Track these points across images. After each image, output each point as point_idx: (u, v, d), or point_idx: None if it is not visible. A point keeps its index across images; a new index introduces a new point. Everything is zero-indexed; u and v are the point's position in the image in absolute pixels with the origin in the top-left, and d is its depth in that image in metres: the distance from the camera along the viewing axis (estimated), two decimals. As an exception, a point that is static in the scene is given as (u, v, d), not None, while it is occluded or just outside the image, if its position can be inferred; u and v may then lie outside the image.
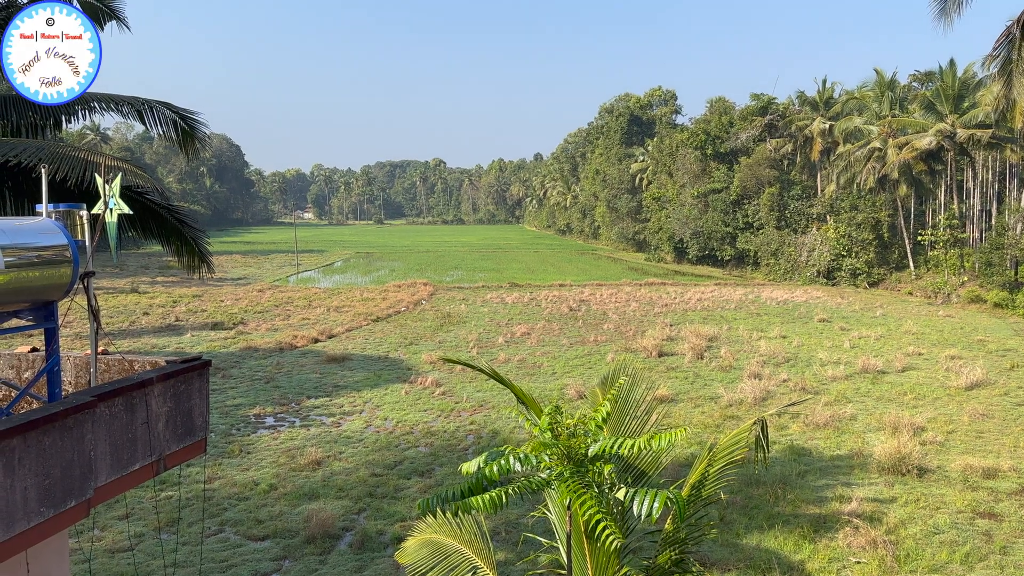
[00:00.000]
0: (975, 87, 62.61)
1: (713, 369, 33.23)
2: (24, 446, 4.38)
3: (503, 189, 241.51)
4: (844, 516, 17.53)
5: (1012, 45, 24.58)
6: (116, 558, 15.69)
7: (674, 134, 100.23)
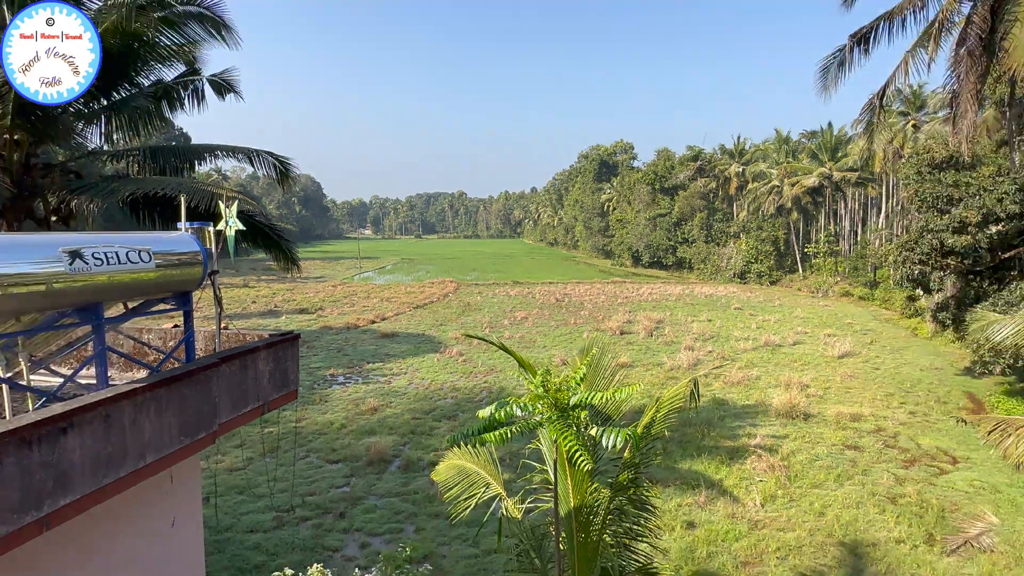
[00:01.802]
0: (846, 142, 62.86)
1: (659, 343, 33.32)
2: (169, 394, 4.42)
3: (508, 213, 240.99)
4: (751, 448, 17.62)
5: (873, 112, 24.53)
6: (233, 475, 15.87)
7: (632, 174, 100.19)
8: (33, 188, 9.96)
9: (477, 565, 11.99)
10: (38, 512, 3.37)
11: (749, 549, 12.54)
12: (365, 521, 13.62)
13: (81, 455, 3.61)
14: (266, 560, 11.81)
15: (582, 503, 7.21)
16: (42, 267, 3.90)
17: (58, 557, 4.29)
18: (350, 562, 11.81)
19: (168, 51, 11.04)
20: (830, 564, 12.16)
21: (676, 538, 12.83)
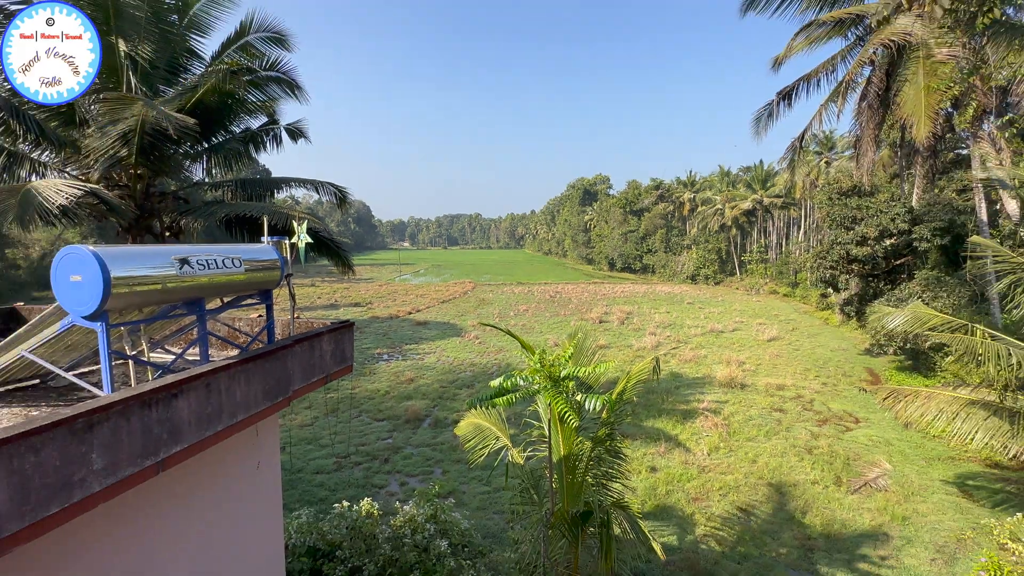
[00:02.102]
0: (774, 175, 62.44)
1: (629, 330, 33.15)
2: (255, 368, 4.42)
3: (513, 229, 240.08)
4: (700, 410, 17.50)
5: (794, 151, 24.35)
6: (303, 429, 15.86)
7: (608, 199, 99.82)
8: (151, 211, 9.99)
9: (489, 499, 12.00)
10: (156, 458, 3.39)
11: (698, 488, 12.49)
12: (404, 465, 13.64)
13: (188, 414, 3.62)
14: (328, 495, 11.84)
15: (570, 452, 7.20)
16: (159, 271, 3.91)
17: (172, 492, 4.31)
18: (392, 496, 11.83)
19: (254, 106, 11.04)
20: (761, 500, 12.09)
21: (642, 479, 12.79)
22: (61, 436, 2.78)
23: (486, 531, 10.51)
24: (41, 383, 4.94)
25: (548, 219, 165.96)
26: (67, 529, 3.09)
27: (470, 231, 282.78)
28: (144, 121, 8.01)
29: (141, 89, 9.29)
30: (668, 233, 79.10)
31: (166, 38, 9.69)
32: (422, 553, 8.37)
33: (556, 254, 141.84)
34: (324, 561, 8.44)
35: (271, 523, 5.72)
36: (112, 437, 3.07)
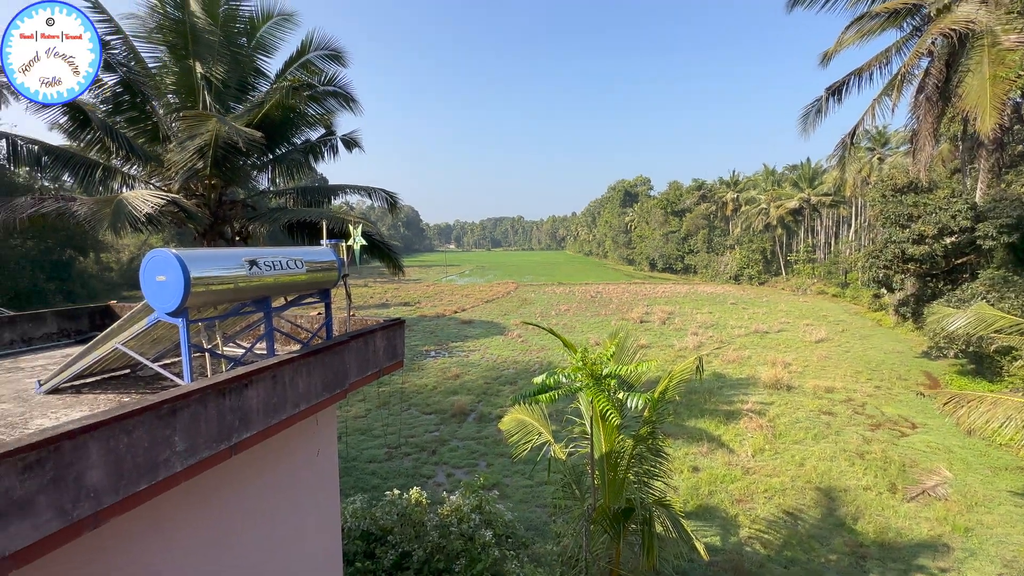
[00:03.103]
0: (822, 173, 59.21)
1: (670, 330, 32.31)
2: (316, 361, 4.59)
3: (554, 231, 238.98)
4: (744, 411, 16.84)
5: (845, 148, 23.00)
6: (357, 421, 16.37)
7: (649, 201, 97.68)
8: (224, 217, 10.58)
9: (531, 492, 11.99)
10: (228, 442, 3.58)
11: (742, 490, 12.01)
12: (450, 457, 13.84)
13: (257, 403, 3.81)
14: (380, 483, 12.18)
15: (611, 449, 7.09)
16: (231, 272, 4.14)
17: (242, 474, 4.54)
18: (439, 486, 12.03)
19: (313, 119, 11.51)
20: (808, 504, 11.49)
21: (684, 479, 12.43)
22: (149, 420, 2.99)
23: (529, 523, 10.51)
24: (131, 373, 5.33)
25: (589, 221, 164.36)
26: (153, 504, 3.32)
27: (512, 233, 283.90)
28: (217, 136, 8.52)
29: (215, 107, 9.88)
30: (710, 233, 76.53)
31: (236, 59, 10.26)
32: (468, 542, 8.47)
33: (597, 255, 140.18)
34: (377, 545, 8.69)
35: (330, 507, 5.94)
36: (192, 422, 3.28)
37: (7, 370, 5.41)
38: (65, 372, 4.62)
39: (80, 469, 2.65)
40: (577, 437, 8.11)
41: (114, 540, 3.43)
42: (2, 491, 2.32)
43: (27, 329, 6.40)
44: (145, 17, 9.63)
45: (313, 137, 12.13)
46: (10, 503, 2.35)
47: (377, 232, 12.53)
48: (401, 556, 8.46)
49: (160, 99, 10.15)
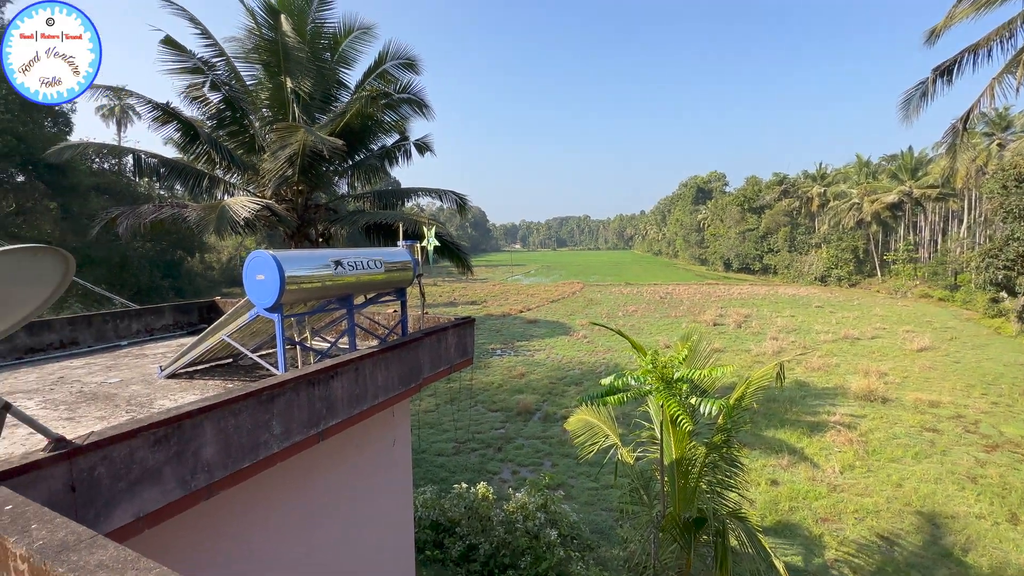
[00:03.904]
0: (927, 162, 53.20)
1: (747, 333, 30.52)
2: (394, 356, 4.85)
3: (622, 230, 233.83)
4: (830, 423, 15.58)
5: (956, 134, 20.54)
6: (427, 415, 16.99)
7: (724, 197, 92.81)
8: (309, 220, 11.39)
9: (597, 495, 11.86)
10: (317, 428, 3.89)
11: (828, 508, 11.13)
12: (515, 455, 14.00)
13: (341, 393, 4.10)
14: (448, 475, 12.57)
15: (682, 456, 6.86)
16: (319, 271, 4.49)
17: (327, 460, 4.89)
18: (505, 483, 12.22)
19: (389, 125, 12.09)
20: (908, 529, 10.42)
21: (761, 492, 11.74)
22: (252, 405, 3.33)
23: (594, 526, 10.40)
24: (233, 362, 5.92)
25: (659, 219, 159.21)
26: (255, 480, 3.69)
27: (578, 233, 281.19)
28: (305, 145, 9.21)
29: (302, 118, 10.68)
30: (793, 231, 71.26)
31: (321, 73, 11.02)
32: (533, 540, 8.55)
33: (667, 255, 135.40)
34: (445, 535, 9.01)
35: (403, 494, 6.25)
36: (287, 408, 3.61)
37: (135, 356, 6.20)
38: (181, 360, 5.23)
39: (197, 445, 3.00)
40: (645, 442, 7.92)
41: (220, 514, 3.85)
42: (138, 460, 2.69)
43: (150, 321, 7.30)
44: (244, 39, 10.61)
45: (388, 143, 12.74)
46: (144, 471, 2.72)
47: (447, 233, 12.91)
48: (468, 548, 8.71)
49: (256, 113, 11.14)
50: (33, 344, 6.07)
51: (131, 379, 5.19)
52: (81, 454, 2.43)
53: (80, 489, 2.43)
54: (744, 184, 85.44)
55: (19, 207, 23.94)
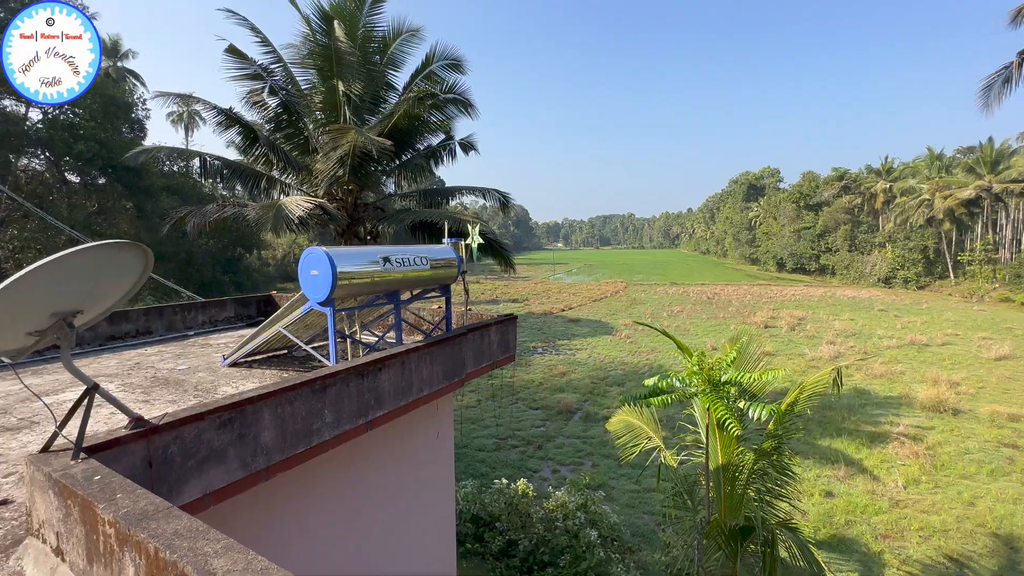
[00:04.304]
0: (1009, 155, 48.69)
1: (801, 337, 29.04)
2: (438, 350, 4.96)
3: (667, 228, 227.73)
4: (893, 435, 14.62)
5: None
6: (468, 410, 17.23)
7: (777, 194, 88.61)
8: (358, 219, 11.80)
9: (639, 498, 11.67)
10: (365, 418, 4.05)
11: (890, 524, 10.47)
12: (555, 453, 13.98)
13: (388, 385, 4.25)
14: (488, 471, 12.71)
15: (728, 462, 6.64)
16: (369, 267, 4.66)
17: (375, 450, 5.08)
18: (545, 481, 12.23)
19: (435, 125, 12.33)
20: (981, 552, 9.65)
21: (814, 503, 11.18)
22: (307, 393, 3.51)
23: (635, 529, 10.25)
24: (288, 353, 6.25)
25: (707, 217, 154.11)
26: (308, 466, 3.89)
27: (622, 231, 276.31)
28: (355, 146, 9.55)
29: (353, 120, 11.07)
30: (854, 229, 67.06)
31: (371, 76, 11.38)
32: (572, 539, 8.53)
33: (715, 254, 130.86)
34: (485, 529, 9.13)
35: (446, 486, 6.39)
36: (337, 398, 3.77)
37: (201, 345, 6.64)
38: (241, 350, 5.56)
39: (257, 430, 3.20)
40: (690, 445, 7.74)
41: (276, 497, 4.08)
42: (205, 441, 2.90)
43: (213, 313, 7.79)
44: (299, 45, 11.12)
45: (434, 142, 13.01)
46: (211, 451, 2.93)
47: (490, 231, 13.05)
48: (508, 543, 8.79)
49: (310, 116, 11.64)
50: (113, 332, 6.62)
51: (198, 366, 5.58)
52: (157, 433, 2.65)
53: (156, 465, 2.65)
54: (800, 180, 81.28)
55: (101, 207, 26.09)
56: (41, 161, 25.81)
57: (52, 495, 2.16)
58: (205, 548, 1.65)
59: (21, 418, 4.13)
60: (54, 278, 2.12)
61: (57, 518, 2.14)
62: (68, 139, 23.88)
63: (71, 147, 23.93)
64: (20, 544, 2.40)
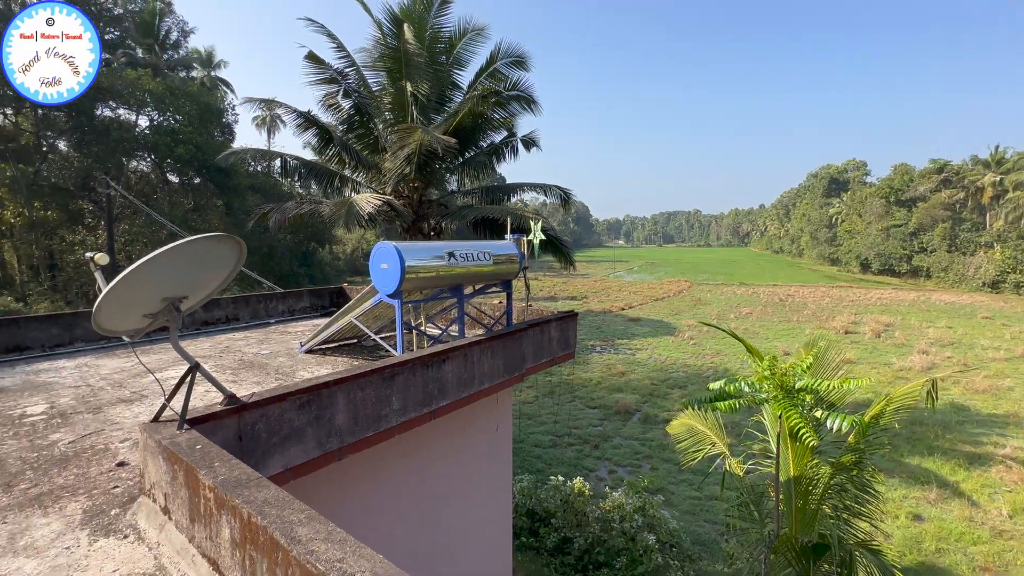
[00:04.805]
0: None
1: (888, 345, 26.62)
2: (499, 344, 5.04)
3: (737, 226, 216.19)
4: (998, 457, 13.10)
5: None
6: (525, 406, 17.35)
7: (865, 189, 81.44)
8: (422, 215, 12.18)
9: (700, 505, 11.25)
10: (429, 407, 4.20)
11: (991, 556, 9.41)
12: (612, 454, 13.78)
13: (451, 376, 4.38)
14: (543, 467, 12.75)
15: (801, 474, 6.26)
16: (435, 262, 4.82)
17: (439, 438, 5.25)
18: (601, 481, 12.09)
19: (497, 123, 12.46)
20: (1106, 596, 8.45)
21: (900, 526, 10.27)
22: (376, 380, 3.70)
23: (695, 537, 9.89)
24: (357, 342, 6.59)
25: (781, 213, 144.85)
26: (376, 450, 4.09)
27: (687, 228, 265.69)
28: (421, 144, 9.87)
29: (419, 119, 11.43)
30: (954, 227, 60.32)
31: (437, 76, 11.69)
32: (629, 541, 8.38)
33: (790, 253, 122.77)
34: (540, 525, 9.18)
35: (503, 479, 6.50)
36: (404, 386, 3.95)
37: (281, 333, 7.16)
38: (316, 338, 5.94)
39: (332, 412, 3.42)
40: (757, 454, 7.35)
41: (347, 477, 4.33)
42: (287, 420, 3.14)
43: (292, 303, 8.37)
44: (371, 49, 11.62)
45: (496, 139, 13.15)
46: (291, 430, 3.16)
47: (551, 227, 13.00)
48: (562, 540, 8.79)
49: (379, 116, 12.15)
50: (207, 318, 7.29)
51: (278, 351, 6.02)
52: (247, 410, 2.90)
53: (245, 439, 2.90)
54: (891, 173, 74.29)
55: (196, 204, 28.72)
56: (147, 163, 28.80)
57: (162, 460, 2.43)
58: (291, 517, 1.79)
59: (133, 391, 4.66)
60: (167, 266, 2.37)
61: (165, 480, 2.41)
62: (170, 143, 26.46)
63: (172, 150, 26.51)
64: (135, 501, 2.72)
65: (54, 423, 3.88)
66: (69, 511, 2.65)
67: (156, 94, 26.19)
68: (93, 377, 5.08)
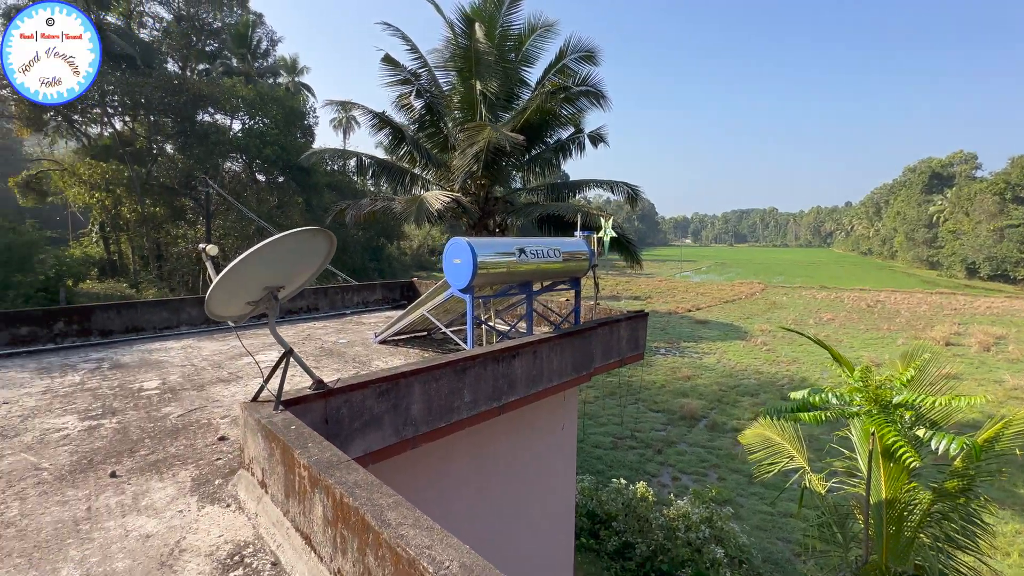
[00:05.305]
0: None
1: (999, 360, 23.70)
2: (568, 342, 4.99)
3: (819, 225, 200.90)
4: None
5: None
6: (587, 406, 17.17)
7: (974, 184, 72.79)
8: (489, 212, 12.33)
9: (772, 522, 10.60)
10: (498, 402, 4.25)
11: None
12: (676, 460, 13.31)
13: (520, 372, 4.40)
14: (604, 469, 12.56)
15: (895, 497, 5.71)
16: (505, 258, 4.85)
17: (507, 433, 5.30)
18: (664, 487, 11.72)
19: (565, 119, 12.33)
20: None
21: (1012, 564, 9.14)
22: (449, 373, 3.79)
23: (767, 555, 9.34)
24: (428, 335, 6.80)
25: (870, 212, 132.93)
26: (448, 440, 4.20)
27: (762, 227, 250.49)
28: (489, 142, 9.98)
29: (488, 117, 11.57)
30: (1087, 228, 52.62)
31: (506, 74, 11.77)
32: (695, 552, 8.06)
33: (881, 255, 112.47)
34: (601, 527, 9.05)
35: (567, 477, 6.46)
36: (475, 380, 4.01)
37: (356, 323, 7.53)
38: (390, 329, 6.19)
39: (408, 401, 3.54)
40: (841, 472, 6.79)
41: (420, 466, 4.48)
42: (368, 407, 3.29)
43: (366, 295, 8.78)
44: (442, 50, 11.91)
45: (563, 136, 13.04)
46: (371, 417, 3.31)
47: (617, 225, 12.73)
48: (624, 545, 8.61)
49: (449, 115, 12.43)
50: (290, 307, 7.81)
51: (354, 341, 6.34)
52: (333, 396, 3.07)
53: (331, 422, 3.08)
54: (1007, 166, 65.90)
55: (280, 202, 30.89)
56: (239, 164, 31.35)
57: (260, 438, 2.62)
58: (380, 500, 1.87)
59: (230, 372, 5.09)
60: (269, 257, 2.56)
61: (263, 456, 2.60)
62: (259, 145, 28.65)
63: (261, 151, 28.69)
64: (235, 473, 2.97)
65: (166, 397, 4.32)
66: (180, 478, 2.93)
67: (248, 100, 28.41)
68: (196, 358, 5.60)
